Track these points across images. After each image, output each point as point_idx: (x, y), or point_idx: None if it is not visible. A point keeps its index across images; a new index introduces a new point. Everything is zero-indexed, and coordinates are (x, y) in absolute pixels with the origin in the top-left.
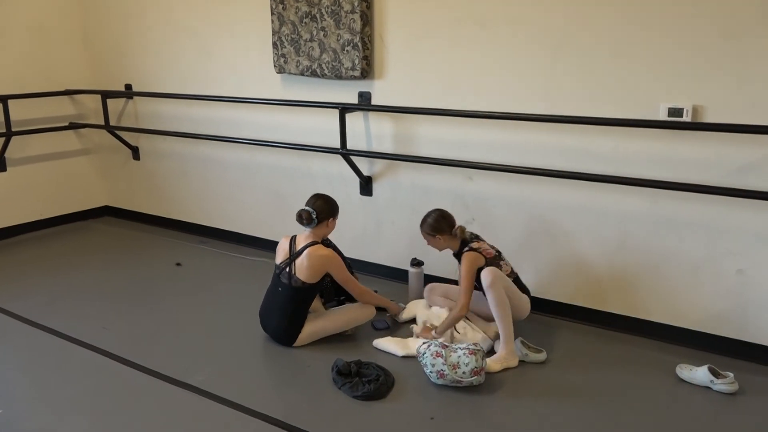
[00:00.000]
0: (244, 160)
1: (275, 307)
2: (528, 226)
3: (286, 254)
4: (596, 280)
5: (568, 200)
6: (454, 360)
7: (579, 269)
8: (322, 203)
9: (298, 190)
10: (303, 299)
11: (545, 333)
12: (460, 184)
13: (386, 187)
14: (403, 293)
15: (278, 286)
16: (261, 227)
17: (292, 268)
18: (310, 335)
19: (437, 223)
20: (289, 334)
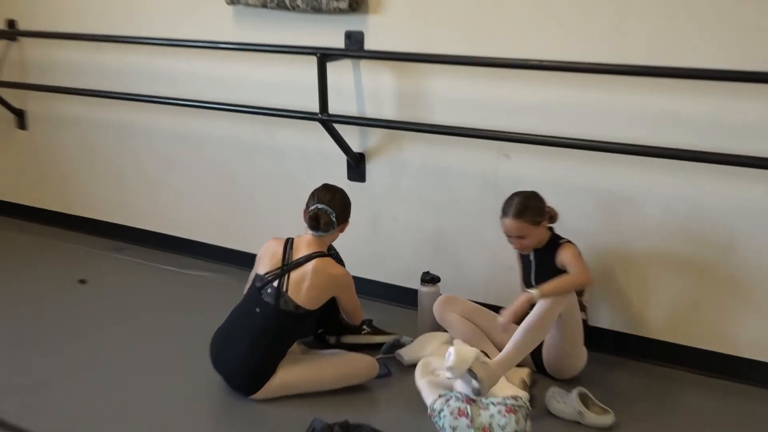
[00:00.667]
0: (180, 130)
1: (244, 335)
2: (591, 223)
3: (277, 262)
4: (692, 305)
5: (651, 186)
6: (485, 421)
7: (669, 287)
8: (341, 200)
9: (259, 173)
10: (289, 331)
11: (618, 382)
12: (492, 163)
13: (385, 168)
14: (409, 322)
15: (256, 305)
16: (204, 227)
17: (284, 283)
18: (282, 387)
19: (539, 203)
20: (256, 377)
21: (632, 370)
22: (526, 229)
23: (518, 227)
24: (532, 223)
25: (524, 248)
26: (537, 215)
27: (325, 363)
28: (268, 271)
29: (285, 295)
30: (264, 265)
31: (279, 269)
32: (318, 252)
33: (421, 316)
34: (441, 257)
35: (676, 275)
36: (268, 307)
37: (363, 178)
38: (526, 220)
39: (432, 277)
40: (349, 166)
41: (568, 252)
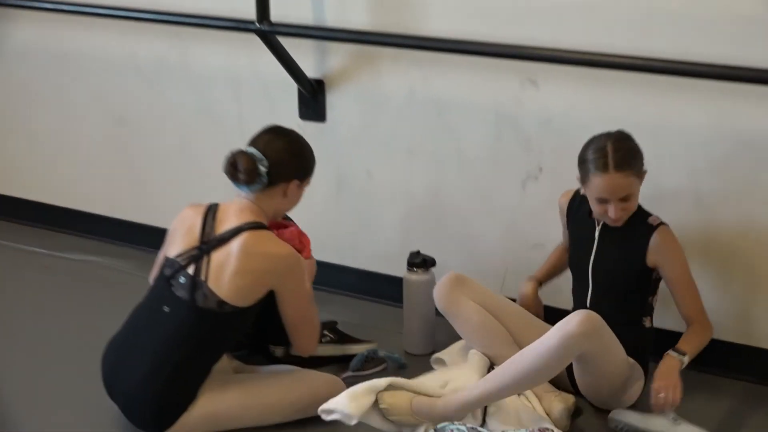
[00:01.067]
0: (44, 48)
1: (146, 347)
2: (665, 183)
3: (193, 239)
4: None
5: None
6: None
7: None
8: (286, 146)
9: (168, 112)
10: (212, 339)
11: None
12: (512, 93)
13: (354, 102)
14: (391, 324)
15: (164, 302)
16: (90, 192)
17: (202, 269)
18: (206, 420)
19: (637, 147)
20: (164, 409)
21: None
22: (633, 185)
23: (628, 183)
24: (638, 175)
25: (623, 216)
26: (642, 161)
27: (269, 385)
28: (180, 253)
29: (203, 287)
30: (176, 243)
31: (195, 249)
32: (250, 222)
33: (408, 315)
34: (436, 231)
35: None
36: (180, 304)
37: (322, 117)
38: (636, 171)
39: (424, 260)
40: (301, 100)
41: (676, 250)
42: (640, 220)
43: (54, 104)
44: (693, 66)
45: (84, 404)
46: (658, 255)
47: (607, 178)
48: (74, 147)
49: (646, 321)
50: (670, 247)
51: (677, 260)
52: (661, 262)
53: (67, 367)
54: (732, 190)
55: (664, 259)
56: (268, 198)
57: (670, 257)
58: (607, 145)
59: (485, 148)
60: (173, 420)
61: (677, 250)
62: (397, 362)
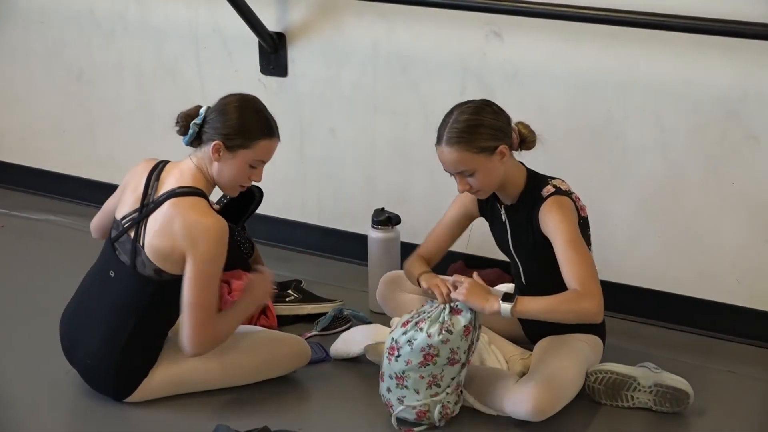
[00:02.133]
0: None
1: (99, 314)
2: (623, 140)
3: (136, 201)
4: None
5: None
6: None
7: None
8: (226, 102)
9: (121, 66)
10: (160, 306)
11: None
12: (476, 46)
13: (317, 55)
14: (356, 282)
15: (111, 266)
16: (39, 148)
17: (141, 235)
18: (168, 384)
19: (494, 117)
20: (123, 376)
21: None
22: (471, 160)
23: (458, 159)
24: (481, 150)
25: (475, 192)
26: (488, 137)
27: (231, 347)
28: (125, 215)
29: (142, 253)
30: (124, 203)
31: (136, 212)
32: (184, 187)
33: (373, 273)
34: (401, 188)
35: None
36: (124, 269)
37: (283, 71)
38: (472, 146)
39: (388, 217)
40: (261, 53)
41: (557, 218)
42: (535, 192)
43: (9, 57)
44: (660, 18)
45: (41, 368)
46: (544, 225)
47: (441, 151)
48: (29, 101)
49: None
50: (551, 216)
51: (558, 227)
52: (546, 232)
53: (22, 328)
54: (700, 145)
55: (546, 228)
56: (199, 158)
57: (551, 225)
58: (450, 118)
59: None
60: (134, 386)
61: (559, 218)
62: (363, 320)
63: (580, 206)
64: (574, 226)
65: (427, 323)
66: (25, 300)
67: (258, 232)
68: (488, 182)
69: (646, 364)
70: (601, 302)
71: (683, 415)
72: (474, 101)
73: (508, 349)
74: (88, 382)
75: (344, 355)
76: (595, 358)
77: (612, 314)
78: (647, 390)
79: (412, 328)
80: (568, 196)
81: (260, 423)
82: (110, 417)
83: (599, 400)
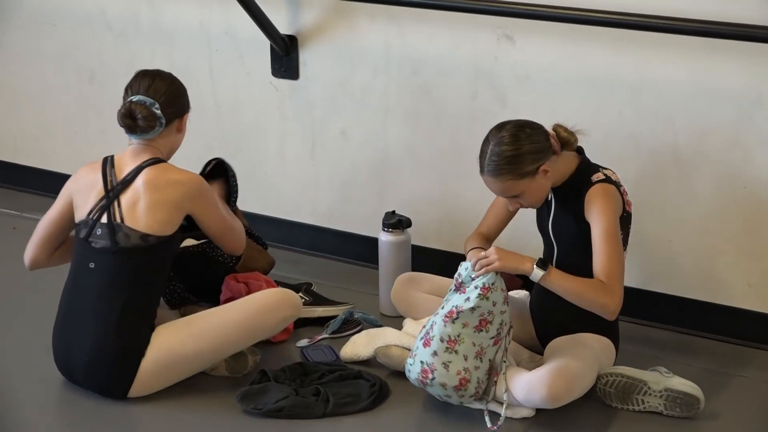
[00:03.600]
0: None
1: (86, 309)
2: (636, 141)
3: (99, 193)
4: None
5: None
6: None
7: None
8: (166, 85)
9: (136, 68)
10: (146, 275)
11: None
12: (488, 49)
13: (329, 58)
14: (367, 285)
15: (89, 260)
16: (52, 150)
17: (114, 213)
18: (161, 365)
19: (531, 139)
20: (121, 360)
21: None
22: (516, 186)
23: (503, 188)
24: (524, 175)
25: (528, 207)
26: (530, 162)
27: (218, 312)
28: (90, 210)
29: (122, 227)
30: (81, 206)
31: (103, 199)
32: (148, 160)
33: (384, 276)
34: (412, 191)
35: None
36: (104, 253)
37: (295, 74)
38: (514, 175)
39: (399, 220)
40: (273, 57)
41: (601, 206)
42: (585, 177)
43: (21, 59)
44: (672, 22)
45: (52, 369)
46: (588, 209)
47: (484, 179)
48: (41, 103)
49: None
50: (596, 202)
51: (600, 216)
52: (588, 217)
53: (34, 329)
54: (711, 147)
55: (589, 213)
56: (163, 138)
57: (594, 212)
58: (488, 147)
59: (462, 105)
60: (134, 368)
61: (602, 206)
62: (373, 324)
63: (626, 200)
64: (615, 218)
65: (493, 293)
66: (35, 301)
67: (269, 235)
68: (537, 198)
69: (657, 368)
70: (620, 302)
71: (694, 419)
72: (507, 127)
73: (519, 352)
74: (90, 383)
75: (354, 358)
76: (607, 360)
77: (624, 318)
78: (658, 394)
79: (476, 296)
80: (617, 187)
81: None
82: (114, 417)
83: (610, 403)
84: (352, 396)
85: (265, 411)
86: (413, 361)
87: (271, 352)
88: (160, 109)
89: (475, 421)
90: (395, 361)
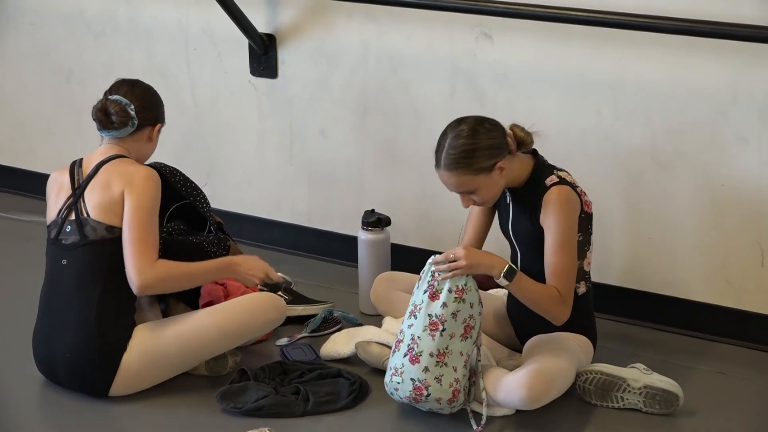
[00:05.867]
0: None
1: (64, 304)
2: (611, 140)
3: (67, 193)
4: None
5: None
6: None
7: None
8: (143, 91)
9: (114, 67)
10: (118, 265)
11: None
12: (466, 47)
13: (308, 57)
14: (346, 283)
15: (61, 257)
16: (29, 150)
17: (81, 209)
18: (144, 363)
19: (488, 135)
20: (104, 357)
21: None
22: (471, 182)
23: (457, 182)
24: (480, 171)
25: (481, 204)
26: (486, 157)
27: (204, 314)
28: (59, 210)
29: (89, 221)
30: (51, 207)
31: (70, 197)
32: (111, 156)
33: (363, 275)
34: (391, 189)
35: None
36: (75, 248)
37: (273, 73)
38: (470, 170)
39: (378, 219)
40: (251, 55)
41: (557, 213)
42: (539, 180)
43: (0, 59)
44: (650, 20)
45: (30, 370)
46: (544, 215)
47: (440, 174)
48: (18, 103)
49: (580, 287)
50: (552, 208)
51: (555, 224)
52: (543, 222)
53: (11, 329)
54: (688, 145)
55: (544, 218)
56: (134, 142)
57: (550, 218)
58: (445, 141)
59: (440, 104)
60: (116, 362)
61: (558, 213)
62: (353, 322)
63: (585, 201)
64: (571, 224)
65: (468, 294)
66: (13, 301)
67: (247, 233)
68: (490, 196)
69: (636, 366)
70: (569, 313)
71: (673, 416)
72: (467, 121)
73: (497, 351)
74: (72, 380)
75: (334, 355)
76: (586, 358)
77: (603, 316)
78: (637, 392)
79: (452, 300)
80: (573, 189)
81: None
82: (94, 416)
83: (590, 401)
84: (332, 394)
85: (245, 410)
86: (401, 380)
87: (250, 351)
88: (134, 111)
89: (454, 419)
90: (375, 358)
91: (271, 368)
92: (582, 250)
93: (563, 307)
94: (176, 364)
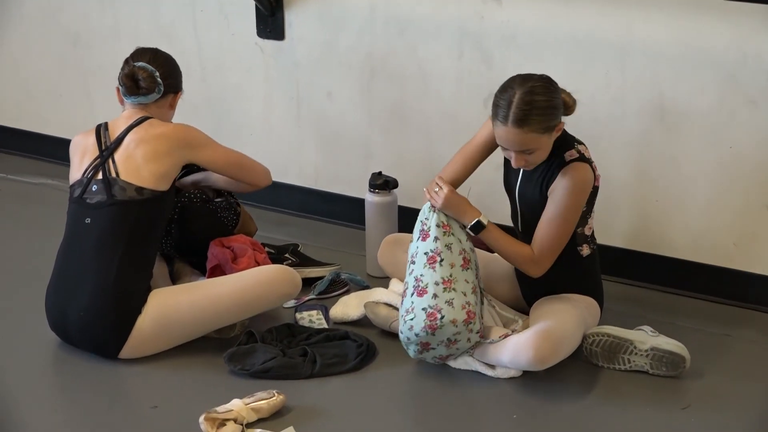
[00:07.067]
0: None
1: (83, 262)
2: (624, 105)
3: (93, 154)
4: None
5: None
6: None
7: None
8: (165, 59)
9: (120, 30)
10: (142, 228)
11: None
12: (474, 9)
13: (314, 19)
14: (354, 246)
15: (85, 215)
16: (36, 112)
17: (110, 169)
18: (157, 327)
19: (553, 95)
20: (119, 318)
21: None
22: (536, 141)
23: (524, 140)
24: (547, 130)
25: (529, 166)
26: (554, 116)
27: (218, 282)
28: (85, 168)
29: (118, 181)
30: (76, 167)
31: (98, 158)
32: (139, 118)
33: (371, 237)
34: (399, 152)
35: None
36: (100, 207)
37: (280, 35)
38: (536, 128)
39: (386, 181)
40: (258, 17)
41: (567, 190)
42: (559, 152)
43: (5, 22)
44: None
45: (39, 330)
46: (554, 186)
47: (505, 130)
48: (25, 66)
49: (583, 249)
50: (563, 185)
51: (563, 199)
52: (551, 191)
53: (21, 291)
54: (697, 108)
55: (554, 189)
56: (158, 108)
57: (559, 191)
58: (514, 96)
59: (447, 66)
60: (131, 324)
61: (569, 191)
62: (360, 284)
63: (596, 175)
64: (576, 205)
65: (454, 229)
66: (22, 264)
67: (255, 196)
68: (543, 157)
69: (643, 328)
70: (541, 272)
71: (680, 378)
72: (535, 78)
73: (505, 313)
74: (85, 338)
75: (344, 318)
76: (592, 320)
77: (610, 278)
78: (644, 354)
79: (442, 233)
80: (590, 164)
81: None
82: (103, 377)
83: (596, 363)
84: (339, 356)
85: (253, 372)
86: (413, 315)
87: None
88: (160, 77)
89: (460, 379)
90: (382, 319)
91: (279, 330)
92: (584, 218)
93: (534, 266)
94: (188, 331)
